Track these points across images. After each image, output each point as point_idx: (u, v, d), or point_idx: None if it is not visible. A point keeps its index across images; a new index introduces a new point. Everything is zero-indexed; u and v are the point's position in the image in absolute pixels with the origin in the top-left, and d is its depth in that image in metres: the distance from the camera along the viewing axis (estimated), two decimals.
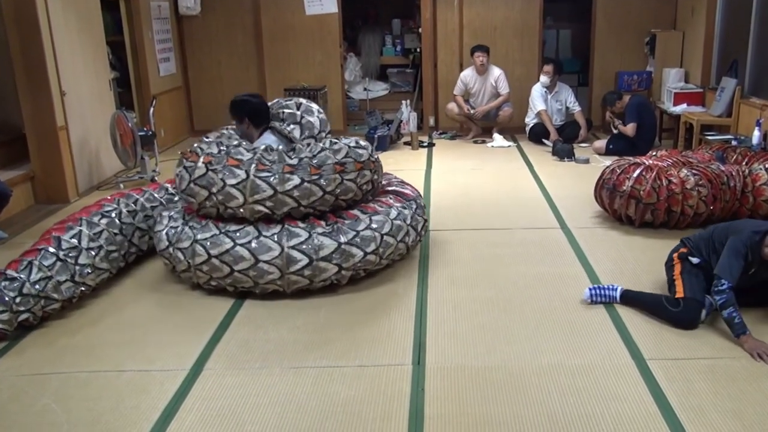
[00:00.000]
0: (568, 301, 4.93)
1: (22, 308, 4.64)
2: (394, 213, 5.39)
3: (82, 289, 5.05)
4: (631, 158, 6.58)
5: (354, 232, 5.09)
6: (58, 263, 4.89)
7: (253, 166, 5.00)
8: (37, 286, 4.71)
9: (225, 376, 4.06)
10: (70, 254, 5.00)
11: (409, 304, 4.98)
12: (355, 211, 5.29)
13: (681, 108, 9.60)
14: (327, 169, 5.09)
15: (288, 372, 4.09)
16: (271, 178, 4.98)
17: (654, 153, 6.81)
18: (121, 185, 8.58)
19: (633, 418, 3.53)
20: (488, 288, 5.21)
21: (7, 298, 4.60)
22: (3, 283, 4.66)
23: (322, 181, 5.05)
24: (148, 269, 5.78)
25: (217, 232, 5.03)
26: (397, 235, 5.34)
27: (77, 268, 5.00)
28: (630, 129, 9.14)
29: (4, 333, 4.62)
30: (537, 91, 10.48)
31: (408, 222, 5.48)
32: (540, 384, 3.86)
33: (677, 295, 4.57)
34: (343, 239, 5.03)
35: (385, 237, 5.23)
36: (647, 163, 6.30)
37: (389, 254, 5.34)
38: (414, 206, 5.66)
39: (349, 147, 5.30)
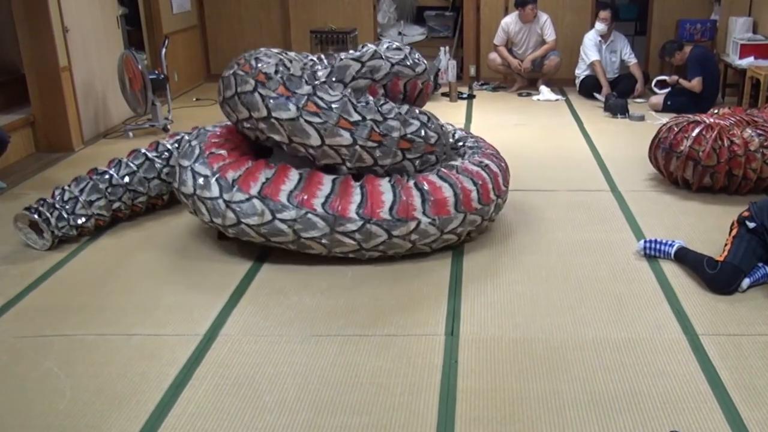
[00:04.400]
0: (616, 270, 4.96)
1: (113, 198, 5.64)
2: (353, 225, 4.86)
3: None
4: (690, 116, 6.56)
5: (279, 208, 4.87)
6: (147, 162, 5.83)
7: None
8: (125, 179, 5.69)
9: (242, 343, 4.13)
10: (163, 155, 5.91)
11: (443, 270, 5.02)
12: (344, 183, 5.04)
13: (747, 61, 9.48)
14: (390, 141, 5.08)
15: (310, 340, 4.15)
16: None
17: (716, 111, 6.79)
18: (130, 134, 8.67)
19: (682, 396, 3.57)
20: (529, 254, 5.25)
21: (101, 186, 5.56)
22: (95, 177, 5.62)
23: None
24: (167, 227, 5.86)
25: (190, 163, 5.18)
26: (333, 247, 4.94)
27: (165, 169, 5.89)
28: (696, 83, 9.08)
29: (102, 220, 5.63)
30: (591, 39, 10.40)
31: (371, 245, 4.94)
32: (582, 359, 3.91)
33: (720, 258, 4.65)
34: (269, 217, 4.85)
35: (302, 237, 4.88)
36: (708, 121, 6.26)
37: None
38: (438, 221, 5.00)
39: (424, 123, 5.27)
